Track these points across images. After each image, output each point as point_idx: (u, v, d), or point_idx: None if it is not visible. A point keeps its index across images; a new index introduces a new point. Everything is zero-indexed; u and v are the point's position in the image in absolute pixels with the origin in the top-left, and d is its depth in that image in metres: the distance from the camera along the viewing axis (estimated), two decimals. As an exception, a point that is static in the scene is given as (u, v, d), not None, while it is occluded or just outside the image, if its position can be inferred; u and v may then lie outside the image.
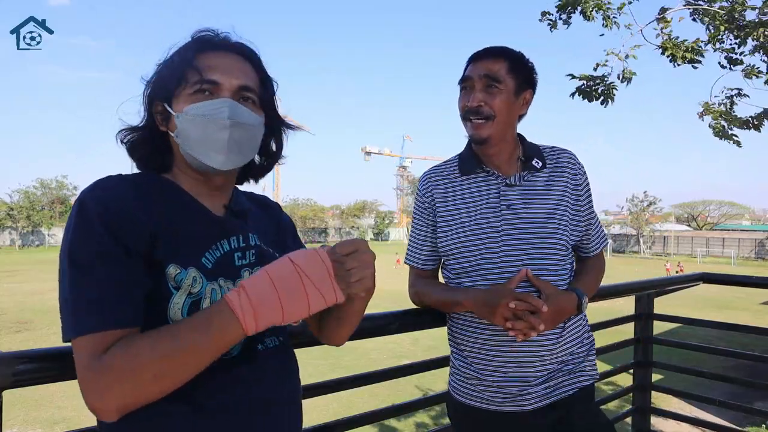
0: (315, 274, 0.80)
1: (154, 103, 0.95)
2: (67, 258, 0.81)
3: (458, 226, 1.46)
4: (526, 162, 1.46)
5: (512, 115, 1.43)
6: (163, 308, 0.84)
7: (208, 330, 0.78)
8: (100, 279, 0.80)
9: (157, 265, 0.85)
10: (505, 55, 1.41)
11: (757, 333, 2.70)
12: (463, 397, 1.49)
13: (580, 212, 1.48)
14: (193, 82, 0.92)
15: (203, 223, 0.94)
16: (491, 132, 1.39)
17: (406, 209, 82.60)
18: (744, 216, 72.49)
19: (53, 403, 8.63)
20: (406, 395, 8.00)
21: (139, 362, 0.76)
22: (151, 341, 0.78)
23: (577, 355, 1.46)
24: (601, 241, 1.59)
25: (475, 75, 1.40)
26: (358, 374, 1.63)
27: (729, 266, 39.42)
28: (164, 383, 0.78)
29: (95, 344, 0.78)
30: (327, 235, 66.74)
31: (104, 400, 0.77)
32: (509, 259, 1.39)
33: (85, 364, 0.77)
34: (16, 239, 49.92)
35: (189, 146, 0.92)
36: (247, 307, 0.78)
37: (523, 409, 1.40)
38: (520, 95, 1.43)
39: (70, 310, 0.80)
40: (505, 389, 1.41)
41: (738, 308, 17.90)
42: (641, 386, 2.66)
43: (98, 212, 0.82)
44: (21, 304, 18.06)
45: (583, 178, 1.50)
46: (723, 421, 5.97)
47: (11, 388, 1.01)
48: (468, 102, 1.41)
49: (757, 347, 9.27)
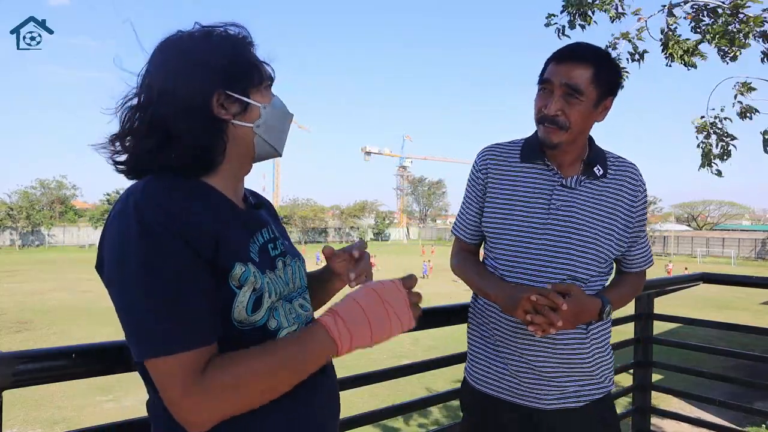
0: (395, 303, 0.89)
1: (214, 91, 0.90)
2: (142, 274, 0.77)
3: (505, 212, 1.44)
4: (588, 166, 1.43)
5: (588, 125, 1.39)
6: (226, 310, 0.84)
7: (306, 350, 0.84)
8: (186, 294, 0.78)
9: (220, 269, 0.83)
10: (591, 60, 1.32)
11: (757, 333, 2.70)
12: (481, 385, 1.50)
13: (630, 228, 1.46)
14: (266, 77, 0.99)
15: (239, 218, 0.94)
16: (563, 140, 1.35)
17: (406, 209, 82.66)
18: (744, 216, 72.52)
19: (53, 403, 8.64)
20: (405, 395, 8.00)
21: (245, 381, 0.79)
22: (254, 359, 0.81)
23: (600, 364, 1.46)
24: (646, 261, 1.56)
25: (556, 80, 1.32)
26: (358, 374, 1.63)
27: (729, 266, 39.43)
28: (264, 398, 0.83)
29: (193, 362, 0.77)
30: (327, 235, 66.72)
31: (208, 416, 0.78)
32: (547, 258, 1.38)
33: (183, 382, 0.76)
34: (16, 239, 49.91)
35: (270, 135, 0.98)
36: (345, 332, 0.85)
37: (539, 406, 1.41)
38: (601, 104, 1.36)
39: (157, 325, 0.76)
40: (524, 381, 1.42)
41: (738, 308, 17.92)
42: (641, 386, 2.67)
43: (165, 223, 0.78)
44: (21, 304, 18.08)
45: (642, 195, 1.47)
46: (723, 421, 5.97)
47: (11, 388, 1.01)
48: (545, 108, 1.34)
49: (757, 347, 9.27)
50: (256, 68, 0.96)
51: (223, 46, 0.93)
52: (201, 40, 0.93)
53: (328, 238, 65.94)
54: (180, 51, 0.91)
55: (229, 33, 0.97)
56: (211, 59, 0.90)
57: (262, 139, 0.97)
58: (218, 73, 0.90)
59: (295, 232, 60.77)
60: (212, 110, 0.90)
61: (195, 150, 0.89)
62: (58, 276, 26.09)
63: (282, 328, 0.91)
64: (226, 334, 0.84)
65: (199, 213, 0.84)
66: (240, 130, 0.94)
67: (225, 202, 0.93)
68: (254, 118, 0.95)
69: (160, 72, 0.90)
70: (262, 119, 0.96)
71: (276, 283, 0.92)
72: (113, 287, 0.80)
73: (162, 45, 0.93)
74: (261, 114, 0.96)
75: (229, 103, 0.92)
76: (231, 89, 0.92)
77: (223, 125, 0.92)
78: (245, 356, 0.81)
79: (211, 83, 0.90)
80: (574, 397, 1.43)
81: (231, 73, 0.92)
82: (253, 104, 0.95)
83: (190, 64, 0.89)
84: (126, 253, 0.78)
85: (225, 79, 0.91)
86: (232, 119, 0.93)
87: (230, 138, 0.94)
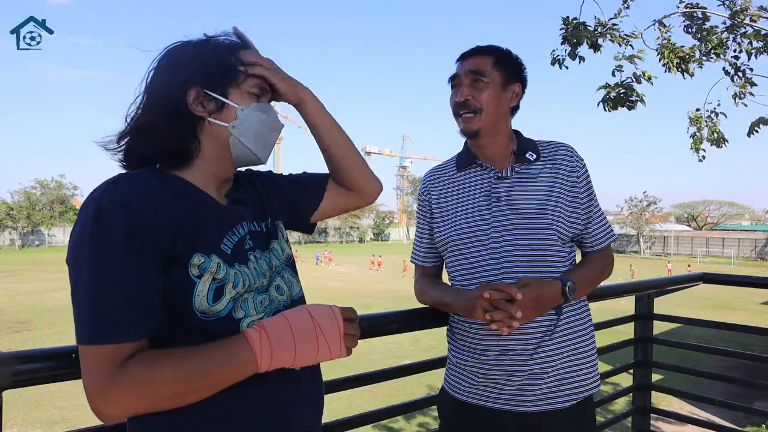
0: (328, 329, 0.89)
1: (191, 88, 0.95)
2: (87, 263, 0.81)
3: (451, 219, 1.49)
4: (518, 154, 1.47)
5: (501, 108, 1.45)
6: (187, 301, 0.86)
7: (227, 361, 0.84)
8: (122, 289, 0.81)
9: (179, 261, 0.86)
10: (491, 51, 1.46)
11: (757, 333, 2.70)
12: (459, 394, 1.48)
13: (578, 205, 1.46)
14: (253, 84, 1.00)
15: (215, 213, 0.97)
16: (480, 125, 1.43)
17: (406, 209, 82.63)
18: (744, 216, 72.49)
19: (53, 403, 8.64)
20: (406, 395, 8.00)
21: (158, 380, 0.80)
22: (171, 362, 0.82)
23: (578, 360, 1.43)
24: (606, 236, 1.52)
25: (462, 72, 1.45)
26: (358, 374, 1.63)
27: (729, 266, 39.43)
28: (178, 402, 0.83)
29: (113, 354, 0.80)
30: (327, 235, 66.70)
31: (116, 409, 0.80)
32: (499, 250, 1.39)
33: (100, 373, 0.80)
34: (16, 239, 49.91)
35: (246, 138, 0.99)
36: (266, 346, 0.85)
37: (519, 409, 1.39)
38: (508, 88, 1.46)
39: (89, 317, 0.81)
40: (500, 385, 1.40)
41: (738, 308, 17.92)
42: (641, 386, 2.66)
43: (118, 217, 0.81)
44: (21, 304, 18.08)
45: (582, 171, 1.48)
46: (723, 421, 5.97)
47: (11, 388, 1.01)
48: (456, 98, 1.45)
49: (756, 347, 9.28)
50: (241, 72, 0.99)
51: (208, 49, 0.98)
52: (192, 45, 0.99)
53: (328, 238, 65.91)
54: (171, 56, 0.98)
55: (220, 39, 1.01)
56: (193, 59, 0.96)
57: (237, 140, 0.99)
58: (197, 71, 0.95)
59: (295, 232, 60.61)
60: (188, 105, 0.95)
61: (166, 141, 0.95)
62: (58, 276, 26.06)
63: (248, 316, 0.93)
64: (189, 324, 0.87)
65: (165, 203, 0.87)
66: (216, 128, 0.97)
67: (199, 195, 0.96)
68: (230, 118, 0.98)
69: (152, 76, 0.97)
70: (238, 120, 0.98)
71: (245, 276, 0.94)
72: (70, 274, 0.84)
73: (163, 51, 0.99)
74: (238, 115, 0.98)
75: (207, 101, 0.96)
76: (209, 87, 0.96)
77: (198, 121, 0.97)
78: (163, 358, 0.82)
79: (188, 79, 0.95)
80: (553, 398, 1.39)
81: (210, 72, 0.96)
82: (230, 104, 0.97)
83: (174, 63, 0.96)
84: (81, 245, 0.82)
85: (203, 77, 0.95)
86: (208, 117, 0.97)
87: (205, 135, 0.98)
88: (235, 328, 0.90)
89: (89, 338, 0.80)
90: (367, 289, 22.80)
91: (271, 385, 0.93)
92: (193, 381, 0.82)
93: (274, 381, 0.92)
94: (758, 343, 9.81)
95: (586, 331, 1.48)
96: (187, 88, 0.95)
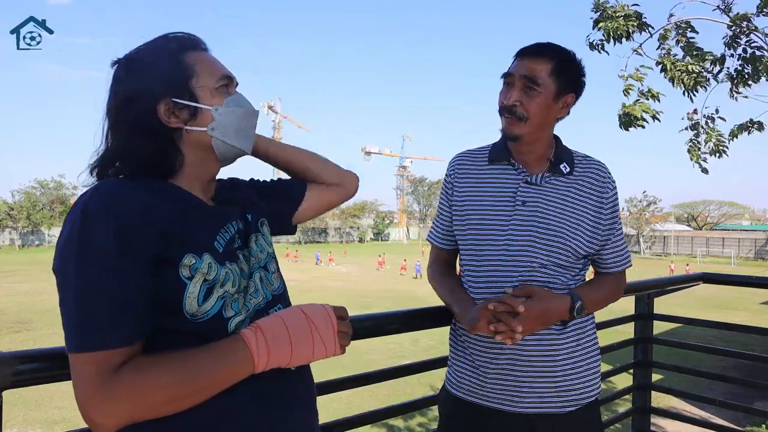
0: (322, 327, 0.89)
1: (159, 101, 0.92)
2: (74, 269, 0.79)
3: (471, 210, 1.46)
4: (554, 164, 1.45)
5: (548, 119, 1.40)
6: (177, 303, 0.85)
7: (223, 361, 0.83)
8: (110, 295, 0.79)
9: (169, 262, 0.84)
10: (552, 55, 1.37)
11: (757, 333, 2.70)
12: (460, 392, 1.48)
13: (600, 225, 1.44)
14: (218, 78, 0.96)
15: (204, 214, 0.96)
16: (523, 132, 1.38)
17: (406, 209, 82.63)
18: (744, 216, 72.48)
19: (53, 403, 8.64)
20: (406, 395, 8.00)
21: (153, 386, 0.79)
22: (165, 367, 0.80)
23: (582, 363, 1.43)
24: (623, 262, 1.52)
25: (517, 73, 1.37)
26: (358, 374, 1.63)
27: (729, 266, 39.42)
28: (173, 407, 0.81)
29: (104, 362, 0.78)
30: (327, 235, 66.70)
31: (109, 419, 0.78)
32: (513, 252, 1.38)
33: (91, 381, 0.78)
34: (16, 239, 49.91)
35: (228, 136, 0.97)
36: (263, 346, 0.84)
37: (520, 410, 1.38)
38: (561, 99, 1.39)
39: (76, 324, 0.79)
40: (502, 385, 1.40)
41: (738, 308, 17.92)
42: (641, 386, 2.66)
43: (105, 222, 0.80)
44: (21, 304, 18.07)
45: (611, 192, 1.46)
46: (723, 421, 5.98)
47: (11, 388, 1.01)
48: (505, 100, 1.39)
49: (756, 347, 9.27)
50: (204, 71, 0.95)
51: (160, 55, 0.94)
52: (141, 53, 0.95)
53: (328, 238, 65.92)
54: (126, 68, 0.94)
55: (171, 39, 0.97)
56: (151, 70, 0.92)
57: (219, 141, 0.97)
58: (160, 83, 0.92)
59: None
60: (161, 120, 0.92)
61: (147, 161, 0.92)
62: (58, 276, 26.04)
63: (237, 315, 0.92)
64: (178, 327, 0.85)
65: (153, 209, 0.85)
66: (195, 135, 0.95)
67: (187, 198, 0.95)
68: (207, 121, 0.95)
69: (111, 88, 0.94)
70: (216, 122, 0.96)
71: (235, 274, 0.93)
72: (57, 282, 0.82)
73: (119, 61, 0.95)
74: (214, 116, 0.95)
75: (179, 110, 0.93)
76: (177, 96, 0.93)
77: (176, 133, 0.94)
78: (156, 363, 0.80)
79: (152, 94, 0.92)
80: (557, 402, 1.39)
81: (173, 80, 0.93)
82: (203, 108, 0.94)
83: (133, 78, 0.92)
84: (67, 252, 0.80)
85: (168, 87, 0.92)
86: (185, 125, 0.94)
87: (186, 143, 0.96)
88: (224, 327, 0.89)
89: (78, 347, 0.78)
90: (367, 289, 22.78)
91: (266, 386, 0.92)
92: (188, 385, 0.81)
93: (269, 381, 0.91)
94: (758, 343, 9.80)
95: (590, 335, 1.48)
96: (155, 101, 0.92)
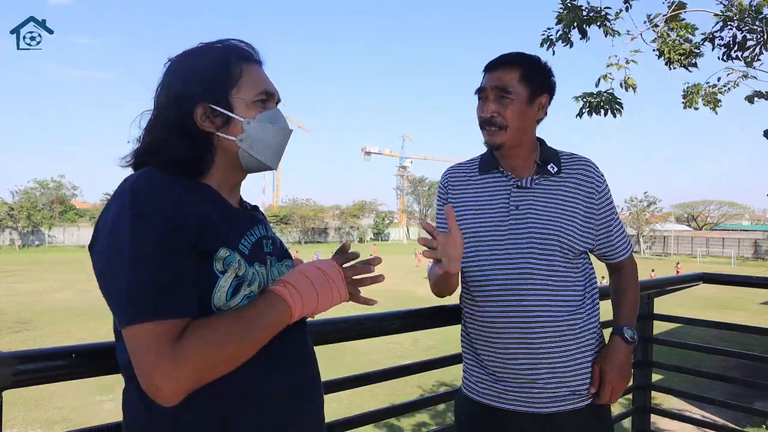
0: (334, 277, 1.00)
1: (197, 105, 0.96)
2: (129, 242, 0.82)
3: (469, 221, 1.49)
4: (541, 166, 1.49)
5: (526, 122, 1.45)
6: (207, 295, 0.88)
7: (267, 314, 0.90)
8: (167, 269, 0.83)
9: (205, 253, 0.88)
10: (518, 63, 1.44)
11: (757, 333, 2.70)
12: (475, 394, 1.50)
13: (592, 221, 1.48)
14: (258, 92, 1.00)
15: (233, 214, 0.99)
16: (504, 139, 1.44)
17: (406, 209, 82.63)
18: (744, 216, 72.44)
19: (53, 403, 8.64)
20: (405, 395, 8.01)
21: (216, 344, 0.83)
22: (219, 325, 0.85)
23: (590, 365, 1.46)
24: (625, 249, 1.58)
25: (489, 86, 1.44)
26: (358, 374, 1.63)
27: (729, 266, 39.43)
28: (233, 363, 0.86)
29: (167, 331, 0.81)
30: (327, 235, 66.71)
31: (179, 383, 0.80)
32: (514, 256, 1.42)
33: (158, 349, 0.80)
34: (16, 239, 49.89)
35: (256, 150, 1.00)
36: (296, 297, 0.93)
37: (535, 410, 1.41)
38: (535, 101, 1.45)
39: (138, 294, 0.81)
40: (515, 386, 1.42)
41: (738, 308, 17.92)
42: (641, 386, 2.67)
43: (156, 204, 0.85)
44: (21, 304, 18.06)
45: (601, 187, 1.50)
46: (723, 421, 5.99)
47: (11, 388, 1.01)
48: (482, 113, 1.45)
49: (756, 347, 9.28)
50: (247, 83, 0.99)
51: (211, 60, 0.98)
52: (194, 56, 0.99)
53: (328, 238, 65.94)
54: (175, 68, 0.99)
55: (229, 47, 1.01)
56: (199, 74, 0.96)
57: (246, 152, 1.00)
58: (201, 87, 0.96)
59: (295, 232, 60.73)
60: (196, 123, 0.96)
61: (179, 159, 0.95)
62: (58, 276, 26.07)
63: None
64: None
65: (190, 201, 0.90)
66: (225, 142, 0.99)
67: (219, 199, 0.99)
68: (238, 132, 0.99)
69: (161, 84, 0.99)
70: (245, 134, 0.99)
71: (262, 276, 0.97)
72: (103, 258, 0.85)
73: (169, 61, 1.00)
74: (244, 128, 0.98)
75: (214, 116, 0.97)
76: (214, 102, 0.96)
77: (209, 136, 0.98)
78: (210, 322, 0.85)
79: (193, 97, 0.96)
80: (569, 399, 1.42)
81: (215, 87, 0.97)
82: (236, 118, 0.98)
83: (178, 79, 0.97)
84: (119, 227, 0.84)
85: (208, 92, 0.96)
86: (217, 131, 0.98)
87: (218, 148, 0.99)
88: None
89: (142, 315, 0.80)
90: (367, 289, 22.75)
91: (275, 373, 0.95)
92: (245, 337, 0.86)
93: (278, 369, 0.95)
94: (758, 343, 9.81)
95: (597, 333, 1.52)
96: (194, 104, 0.96)
